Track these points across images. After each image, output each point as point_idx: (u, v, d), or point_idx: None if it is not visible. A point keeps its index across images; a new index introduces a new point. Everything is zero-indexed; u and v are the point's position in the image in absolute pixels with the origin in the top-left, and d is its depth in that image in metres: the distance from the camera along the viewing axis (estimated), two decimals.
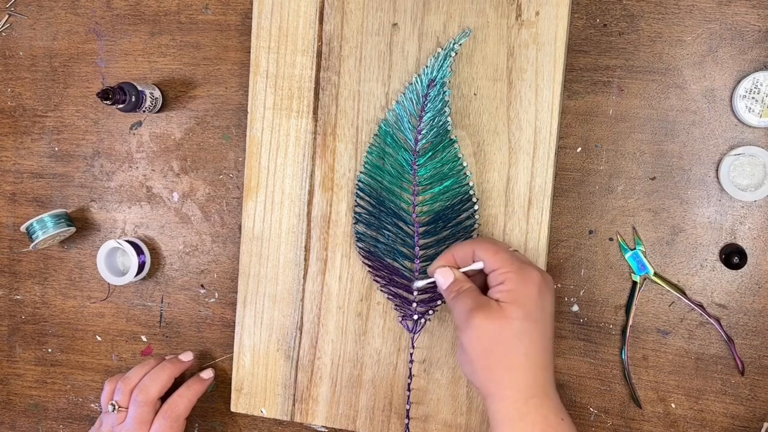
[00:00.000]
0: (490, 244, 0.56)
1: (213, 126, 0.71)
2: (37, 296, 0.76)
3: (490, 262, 0.55)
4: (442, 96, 0.62)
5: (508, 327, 0.52)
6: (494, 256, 0.55)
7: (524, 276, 0.53)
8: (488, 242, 0.57)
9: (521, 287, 0.53)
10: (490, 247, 0.56)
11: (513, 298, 0.53)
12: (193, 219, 0.72)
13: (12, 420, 0.78)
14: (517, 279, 0.53)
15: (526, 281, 0.53)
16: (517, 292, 0.53)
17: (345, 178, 0.65)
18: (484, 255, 0.56)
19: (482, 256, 0.56)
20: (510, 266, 0.54)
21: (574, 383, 0.66)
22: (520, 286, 0.53)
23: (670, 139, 0.63)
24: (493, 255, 0.55)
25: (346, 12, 0.64)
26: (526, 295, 0.53)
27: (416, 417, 0.65)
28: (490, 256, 0.55)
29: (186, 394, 0.68)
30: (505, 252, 0.55)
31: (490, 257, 0.55)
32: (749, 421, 0.63)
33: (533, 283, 0.53)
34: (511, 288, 0.53)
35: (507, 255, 0.55)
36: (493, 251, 0.55)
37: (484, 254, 0.56)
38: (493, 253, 0.55)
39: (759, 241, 0.62)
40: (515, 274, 0.53)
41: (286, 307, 0.67)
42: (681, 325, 0.64)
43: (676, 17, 0.62)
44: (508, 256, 0.55)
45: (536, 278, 0.54)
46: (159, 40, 0.72)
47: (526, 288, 0.53)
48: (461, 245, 0.58)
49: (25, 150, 0.76)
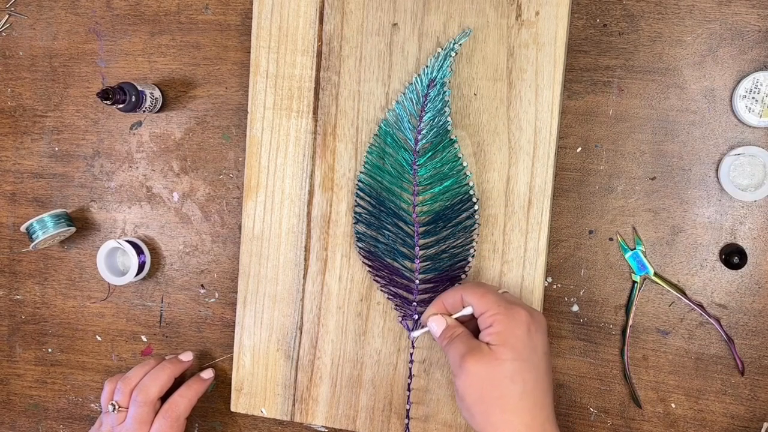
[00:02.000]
0: (476, 288, 0.56)
1: (213, 126, 0.71)
2: (37, 296, 0.76)
3: (478, 306, 0.55)
4: (442, 96, 0.62)
5: (499, 369, 0.52)
6: (481, 299, 0.55)
7: (512, 316, 0.53)
8: (475, 286, 0.57)
9: (509, 328, 0.53)
10: (476, 291, 0.56)
11: (502, 340, 0.52)
12: (193, 219, 0.72)
13: (12, 420, 0.78)
14: (504, 320, 0.53)
15: (514, 322, 0.53)
16: (505, 333, 0.53)
17: (345, 178, 0.65)
18: (472, 299, 0.56)
19: (470, 300, 0.56)
20: (497, 308, 0.54)
21: (574, 383, 0.66)
22: (509, 326, 0.53)
23: (670, 139, 0.63)
24: (479, 298, 0.55)
25: (346, 12, 0.64)
26: (515, 335, 0.52)
27: (416, 417, 0.65)
28: (477, 300, 0.55)
29: (186, 394, 0.68)
30: (492, 294, 0.55)
31: (477, 301, 0.55)
32: (749, 421, 0.63)
33: (521, 323, 0.53)
34: (500, 330, 0.53)
35: (494, 297, 0.55)
36: (480, 294, 0.55)
37: (471, 298, 0.56)
38: (479, 296, 0.55)
39: (759, 241, 0.62)
40: (503, 316, 0.53)
41: (286, 307, 0.67)
42: (681, 325, 0.64)
43: (676, 17, 0.62)
44: (495, 298, 0.55)
45: (524, 317, 0.53)
46: (159, 40, 0.72)
47: (515, 328, 0.53)
48: (449, 292, 0.58)
49: (25, 150, 0.76)
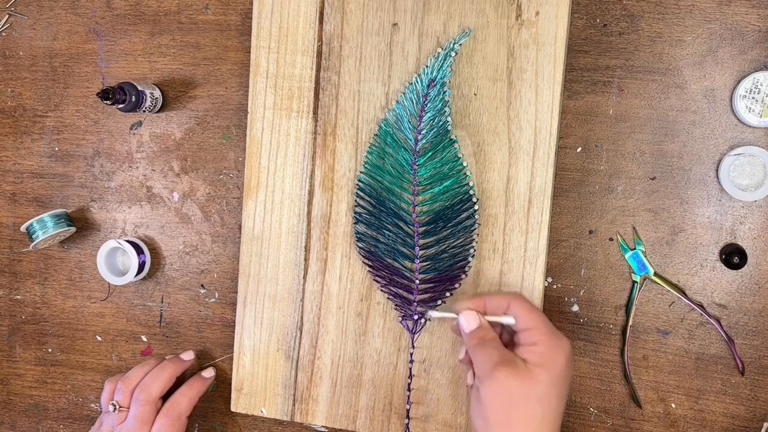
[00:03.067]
0: (527, 302, 0.56)
1: (213, 126, 0.71)
2: (37, 296, 0.76)
3: (525, 321, 0.55)
4: (442, 96, 0.62)
5: (533, 389, 0.52)
6: (530, 314, 0.55)
7: (557, 343, 0.53)
8: (525, 300, 0.56)
9: (553, 353, 0.53)
10: (526, 305, 0.55)
11: (543, 362, 0.52)
12: (193, 219, 0.72)
13: (12, 420, 0.78)
14: (549, 344, 0.53)
15: (558, 348, 0.53)
16: (547, 356, 0.53)
17: (345, 178, 0.65)
18: (520, 311, 0.55)
19: (518, 311, 0.55)
20: (545, 329, 0.54)
21: (574, 383, 0.66)
22: (552, 351, 0.53)
23: (670, 139, 0.63)
24: (529, 313, 0.55)
25: (346, 12, 0.64)
26: (556, 361, 0.53)
27: (416, 417, 0.65)
28: (526, 314, 0.55)
29: (188, 393, 0.68)
30: (541, 314, 0.55)
31: (525, 315, 0.55)
32: (749, 421, 0.63)
33: (564, 352, 0.53)
34: (543, 351, 0.53)
35: (542, 317, 0.55)
36: (530, 309, 0.55)
37: (520, 310, 0.55)
38: (529, 311, 0.55)
39: (759, 241, 0.62)
40: (549, 339, 0.53)
41: (286, 307, 0.67)
42: (681, 325, 0.64)
43: (676, 17, 0.62)
44: (544, 319, 0.55)
45: (567, 348, 0.54)
46: (159, 40, 0.72)
47: (557, 355, 0.53)
48: (497, 295, 0.57)
49: (25, 150, 0.76)
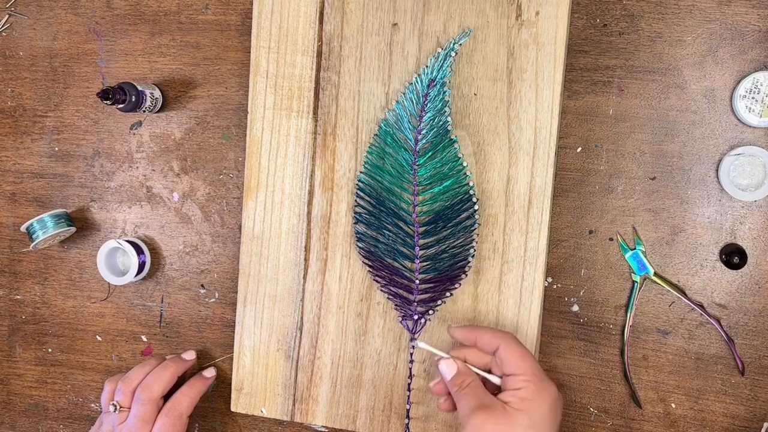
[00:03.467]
0: (518, 347, 0.55)
1: (213, 126, 0.71)
2: (37, 296, 0.76)
3: (513, 366, 0.54)
4: (442, 96, 0.62)
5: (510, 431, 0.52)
6: (520, 361, 0.54)
7: (543, 390, 0.53)
8: (516, 344, 0.56)
9: (537, 399, 0.53)
10: (515, 350, 0.55)
11: (525, 407, 0.52)
12: (193, 219, 0.72)
13: (12, 420, 0.78)
14: (535, 390, 0.53)
15: (543, 395, 0.53)
16: (531, 402, 0.52)
17: (345, 178, 0.65)
18: (508, 355, 0.55)
19: (506, 356, 0.55)
20: (532, 376, 0.53)
21: (574, 383, 0.66)
22: (537, 397, 0.53)
23: (670, 139, 0.63)
24: (519, 359, 0.54)
25: (346, 12, 0.64)
26: (540, 407, 0.52)
27: (416, 417, 0.65)
28: (516, 360, 0.54)
29: (189, 393, 0.68)
30: (531, 360, 0.55)
31: (515, 360, 0.54)
32: (749, 421, 0.63)
33: (549, 399, 0.53)
34: (526, 397, 0.53)
35: (532, 363, 0.54)
36: (518, 355, 0.54)
37: (508, 354, 0.55)
38: (519, 357, 0.54)
39: (759, 241, 0.62)
40: (535, 386, 0.53)
41: (286, 307, 0.67)
42: (681, 325, 0.64)
43: (676, 17, 0.62)
44: (533, 365, 0.54)
45: (553, 395, 0.53)
46: (159, 40, 0.72)
47: (541, 402, 0.53)
48: (489, 332, 0.57)
49: (25, 150, 0.76)
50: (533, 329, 0.62)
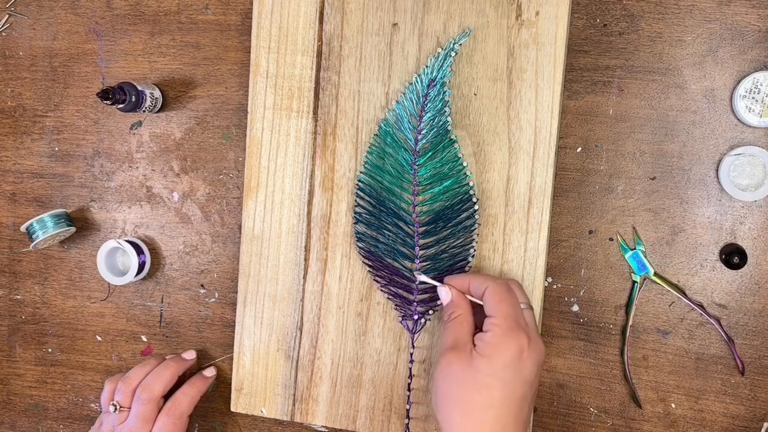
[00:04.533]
0: (498, 291, 0.54)
1: (213, 126, 0.71)
2: (37, 296, 0.76)
3: (489, 307, 0.54)
4: (442, 96, 0.62)
5: (471, 376, 0.51)
6: (496, 304, 0.53)
7: (510, 335, 0.52)
8: (499, 288, 0.55)
9: (501, 345, 0.51)
10: (497, 294, 0.54)
11: (487, 352, 0.52)
12: (193, 219, 0.72)
13: (12, 420, 0.78)
14: (500, 335, 0.52)
15: (508, 340, 0.52)
16: (494, 347, 0.52)
17: (345, 178, 0.65)
18: (489, 298, 0.54)
19: (488, 298, 0.54)
20: (502, 321, 0.52)
21: (574, 383, 0.66)
22: (501, 343, 0.52)
23: (670, 139, 0.63)
24: (496, 302, 0.54)
25: (346, 12, 0.64)
26: (502, 354, 0.51)
27: (416, 417, 0.65)
28: (493, 303, 0.54)
29: (189, 392, 0.68)
30: (508, 305, 0.53)
31: (492, 303, 0.54)
32: (749, 421, 0.63)
33: (515, 346, 0.51)
34: (491, 342, 0.52)
35: (507, 309, 0.53)
36: (498, 299, 0.54)
37: (489, 296, 0.54)
38: (497, 300, 0.54)
39: (759, 241, 0.62)
40: (502, 331, 0.52)
41: (286, 307, 0.67)
42: (681, 325, 0.64)
43: (676, 17, 0.62)
44: (508, 310, 0.53)
45: (521, 343, 0.52)
46: (159, 40, 0.72)
47: (506, 348, 0.51)
48: (481, 277, 0.56)
49: (25, 150, 0.76)
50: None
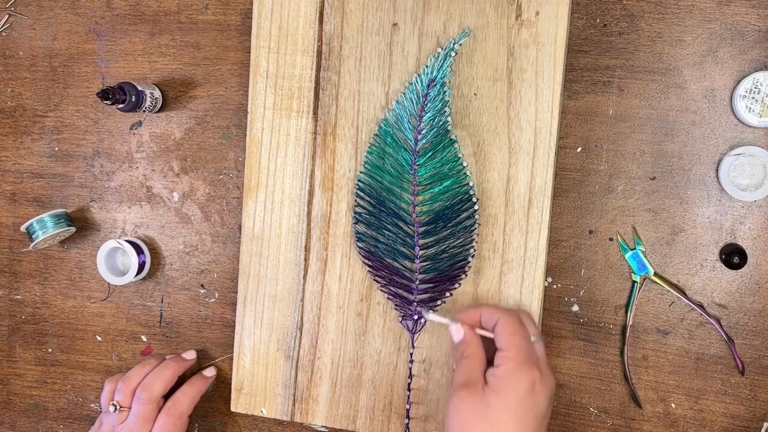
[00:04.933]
0: (510, 323, 0.54)
1: (213, 126, 0.71)
2: (37, 296, 0.76)
3: (501, 340, 0.53)
4: (442, 96, 0.62)
5: (484, 413, 0.51)
6: (509, 337, 0.53)
7: (522, 369, 0.51)
8: (511, 320, 0.54)
9: (512, 380, 0.51)
10: (509, 326, 0.53)
11: (499, 387, 0.51)
12: (193, 219, 0.72)
13: (12, 420, 0.78)
14: (513, 369, 0.51)
15: (521, 374, 0.51)
16: (506, 382, 0.51)
17: (345, 178, 0.65)
18: (500, 331, 0.54)
19: (499, 330, 0.54)
20: (514, 354, 0.52)
21: (574, 383, 0.66)
22: (513, 378, 0.51)
23: (670, 139, 0.63)
24: (508, 335, 0.53)
25: (346, 12, 0.64)
26: (515, 388, 0.51)
27: (416, 417, 0.65)
28: (506, 336, 0.53)
29: (189, 392, 0.68)
30: (521, 338, 0.53)
31: (503, 336, 0.53)
32: (749, 421, 0.63)
33: (527, 380, 0.51)
34: (503, 376, 0.51)
35: (519, 341, 0.52)
36: (510, 332, 0.53)
37: (501, 330, 0.54)
38: (509, 333, 0.53)
39: (759, 241, 0.62)
40: (515, 365, 0.51)
41: (286, 307, 0.67)
42: (681, 325, 0.64)
43: (676, 17, 0.62)
44: (520, 343, 0.52)
45: (533, 377, 0.51)
46: (159, 40, 0.72)
47: (518, 382, 0.51)
48: (492, 309, 0.56)
49: (25, 150, 0.76)
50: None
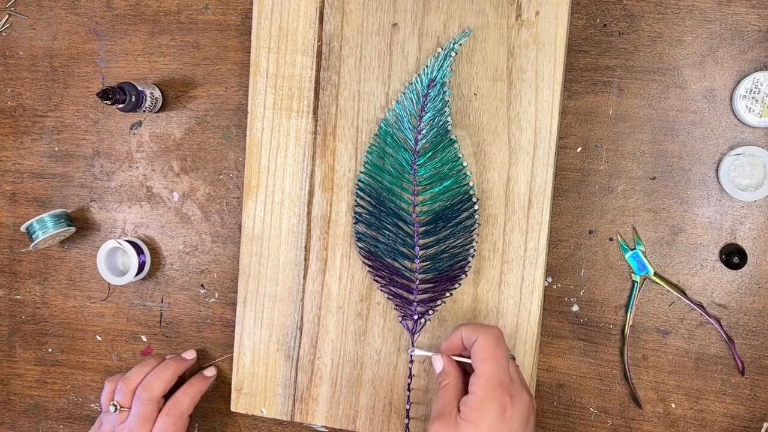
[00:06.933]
0: (486, 347, 0.53)
1: (213, 126, 0.71)
2: (37, 296, 0.76)
3: (475, 365, 0.53)
4: (442, 96, 0.62)
5: None
6: (481, 363, 0.52)
7: (491, 397, 0.50)
8: (487, 342, 0.53)
9: (482, 409, 0.50)
10: (484, 351, 0.53)
11: (470, 417, 0.50)
12: (193, 219, 0.72)
13: (12, 420, 0.78)
14: (481, 398, 0.51)
15: (490, 403, 0.50)
16: (477, 410, 0.50)
17: (345, 178, 0.65)
18: (475, 355, 0.53)
19: (473, 354, 0.53)
20: (485, 381, 0.51)
21: (574, 383, 0.66)
22: (482, 406, 0.50)
23: (670, 139, 0.63)
24: (482, 360, 0.52)
25: (346, 12, 0.64)
26: (485, 418, 0.50)
27: (416, 417, 0.65)
28: (478, 361, 0.52)
29: (190, 392, 0.68)
30: (494, 363, 0.52)
31: (477, 361, 0.52)
32: (749, 421, 0.63)
33: (497, 407, 0.50)
34: (473, 406, 0.51)
35: (491, 368, 0.52)
36: (484, 357, 0.52)
37: (475, 354, 0.53)
38: (482, 359, 0.52)
39: (759, 241, 0.62)
40: (483, 392, 0.51)
41: (286, 307, 0.67)
42: (681, 325, 0.64)
43: (676, 17, 0.62)
44: (494, 370, 0.51)
45: (503, 401, 0.50)
46: (159, 40, 0.72)
47: (488, 412, 0.50)
48: (471, 329, 0.55)
49: (25, 150, 0.76)
50: (533, 329, 0.62)
